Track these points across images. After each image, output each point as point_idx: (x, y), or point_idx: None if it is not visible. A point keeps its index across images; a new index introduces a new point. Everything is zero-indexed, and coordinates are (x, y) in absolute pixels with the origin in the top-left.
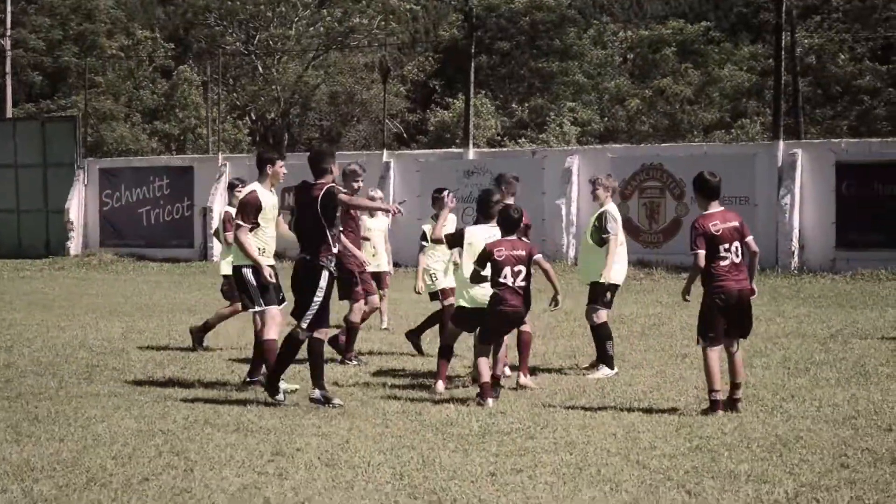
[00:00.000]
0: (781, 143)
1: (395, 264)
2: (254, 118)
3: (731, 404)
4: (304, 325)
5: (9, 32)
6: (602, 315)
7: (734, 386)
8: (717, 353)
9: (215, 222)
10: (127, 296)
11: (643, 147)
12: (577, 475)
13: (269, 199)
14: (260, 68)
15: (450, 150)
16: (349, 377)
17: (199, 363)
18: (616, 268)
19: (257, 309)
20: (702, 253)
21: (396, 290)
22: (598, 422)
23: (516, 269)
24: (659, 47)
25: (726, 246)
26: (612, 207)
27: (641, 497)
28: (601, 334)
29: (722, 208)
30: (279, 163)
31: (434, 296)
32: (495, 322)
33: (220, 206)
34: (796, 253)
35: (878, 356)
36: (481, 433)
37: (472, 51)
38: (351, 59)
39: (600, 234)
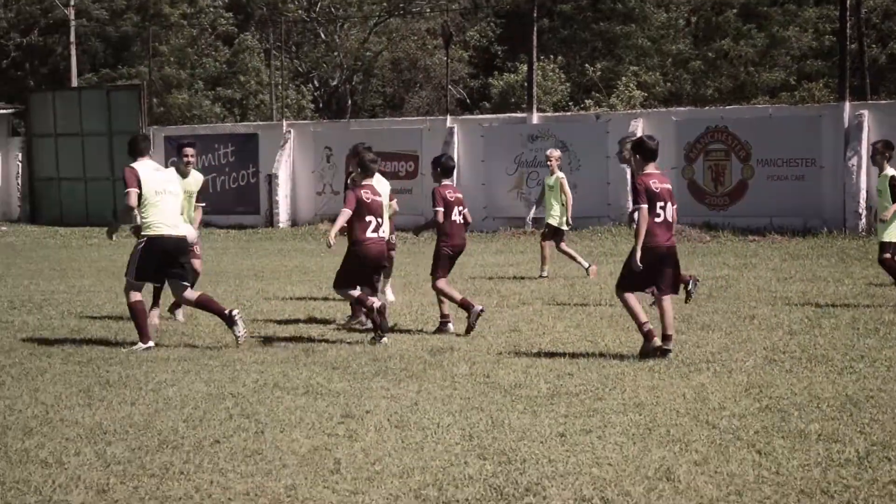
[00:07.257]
0: (847, 105)
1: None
2: (317, 85)
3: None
4: None
5: (72, 2)
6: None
7: (665, 337)
8: (634, 297)
9: (282, 189)
10: None
11: (708, 110)
12: (646, 435)
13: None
14: (322, 35)
15: (513, 114)
16: (419, 341)
17: (266, 328)
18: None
19: None
20: (645, 207)
21: None
22: (666, 383)
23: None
24: (722, 9)
25: (661, 204)
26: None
27: (711, 456)
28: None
29: (659, 171)
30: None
31: None
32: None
33: (285, 172)
34: (864, 215)
35: None
36: (550, 395)
37: (535, 15)
38: (413, 25)
39: None
